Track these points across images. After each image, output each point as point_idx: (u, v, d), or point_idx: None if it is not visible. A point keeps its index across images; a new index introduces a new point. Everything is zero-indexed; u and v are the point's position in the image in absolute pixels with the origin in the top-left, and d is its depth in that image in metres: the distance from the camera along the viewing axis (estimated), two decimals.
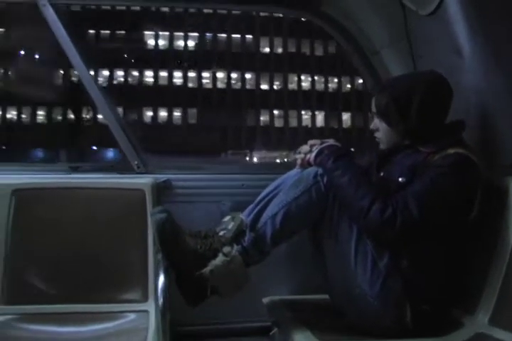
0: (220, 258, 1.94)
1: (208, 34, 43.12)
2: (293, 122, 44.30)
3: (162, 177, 2.70)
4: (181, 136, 40.83)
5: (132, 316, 2.29)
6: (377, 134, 2.17)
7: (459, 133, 2.07)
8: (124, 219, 2.48)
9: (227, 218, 2.08)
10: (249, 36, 43.87)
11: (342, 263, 1.99)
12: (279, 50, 43.83)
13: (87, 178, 2.63)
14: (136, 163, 2.73)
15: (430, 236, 1.93)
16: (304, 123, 44.31)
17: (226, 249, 1.96)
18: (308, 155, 2.09)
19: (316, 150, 2.07)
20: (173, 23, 39.31)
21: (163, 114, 43.04)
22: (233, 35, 43.53)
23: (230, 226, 2.02)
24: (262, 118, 44.06)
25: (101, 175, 2.67)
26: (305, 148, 2.12)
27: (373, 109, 2.13)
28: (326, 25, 2.89)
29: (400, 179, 1.98)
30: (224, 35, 43.47)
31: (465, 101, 2.19)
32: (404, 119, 2.02)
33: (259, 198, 2.13)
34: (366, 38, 2.83)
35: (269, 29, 42.58)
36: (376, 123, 2.15)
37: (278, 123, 44.29)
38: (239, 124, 41.97)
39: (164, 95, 41.43)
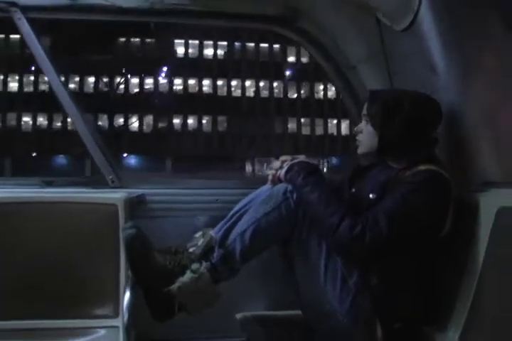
0: (188, 275, 1.93)
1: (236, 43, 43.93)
2: (319, 130, 45.03)
3: (136, 191, 2.68)
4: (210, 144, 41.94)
5: (102, 332, 2.26)
6: (360, 137, 2.17)
7: (431, 149, 2.07)
8: (97, 234, 2.45)
9: (198, 234, 2.07)
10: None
11: (312, 280, 1.98)
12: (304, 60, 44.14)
13: (60, 193, 2.60)
14: (110, 177, 2.70)
15: (400, 253, 1.93)
16: (330, 131, 44.98)
17: (194, 266, 1.95)
18: (279, 172, 2.09)
19: (287, 166, 2.06)
20: (201, 33, 40.17)
21: (191, 121, 43.61)
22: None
23: (200, 242, 2.01)
24: (289, 125, 44.82)
25: (75, 190, 2.65)
26: (276, 164, 2.12)
27: (364, 111, 2.15)
28: (302, 40, 2.89)
29: (371, 195, 1.99)
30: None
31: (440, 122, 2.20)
32: (386, 124, 2.03)
33: (229, 214, 2.12)
34: (342, 53, 2.83)
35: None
36: (361, 125, 2.16)
37: (305, 131, 45.00)
38: (267, 131, 42.38)
39: (194, 102, 41.94)
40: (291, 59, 44.89)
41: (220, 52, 44.18)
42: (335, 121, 44.27)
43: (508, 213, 1.86)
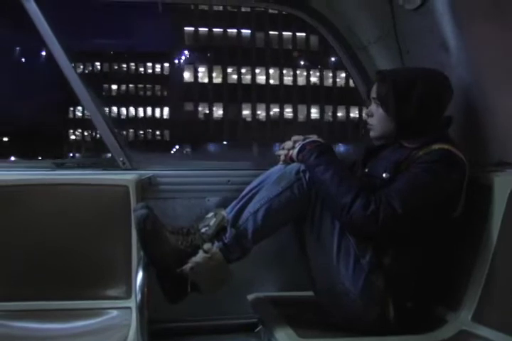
0: (200, 255, 1.92)
1: None
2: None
3: (147, 173, 2.68)
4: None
5: (115, 313, 2.27)
6: (371, 120, 2.13)
7: (444, 129, 2.06)
8: (108, 215, 2.45)
9: (210, 214, 2.06)
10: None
11: (324, 259, 1.97)
12: None
13: (72, 174, 2.60)
14: (121, 159, 2.71)
15: (413, 233, 1.91)
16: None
17: (207, 246, 1.94)
18: (291, 151, 2.07)
19: (299, 146, 2.05)
20: None
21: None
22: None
23: (212, 222, 2.00)
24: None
25: (85, 172, 2.65)
26: (288, 143, 2.11)
27: (373, 94, 2.11)
28: (313, 21, 2.86)
29: (384, 175, 1.97)
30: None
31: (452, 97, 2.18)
32: (401, 108, 2.00)
33: (242, 194, 2.12)
34: (353, 33, 2.81)
35: None
36: (372, 109, 2.13)
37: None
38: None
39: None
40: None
41: None
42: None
43: None
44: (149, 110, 58.91)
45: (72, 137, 58.09)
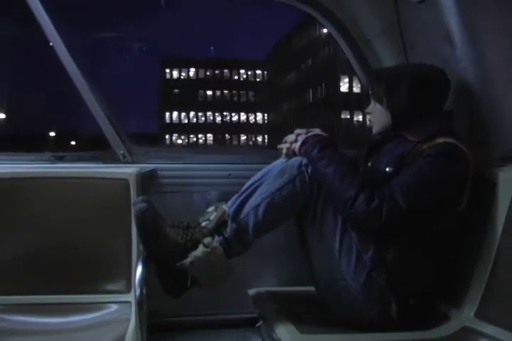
0: (200, 249, 1.91)
1: None
2: None
3: (148, 166, 2.67)
4: None
5: (115, 307, 2.27)
6: (371, 117, 2.17)
7: (449, 123, 2.04)
8: (109, 209, 2.44)
9: (210, 208, 2.05)
10: None
11: (326, 255, 1.96)
12: None
13: (72, 168, 2.59)
14: (121, 152, 2.69)
15: (417, 228, 1.90)
16: None
17: (207, 240, 1.93)
18: (293, 145, 2.05)
19: (301, 139, 2.03)
20: None
21: None
22: None
23: (212, 216, 1.99)
24: None
25: (86, 165, 2.64)
26: (291, 137, 2.09)
27: (370, 91, 2.15)
28: (317, 13, 2.83)
29: (387, 169, 1.96)
30: None
31: (456, 91, 2.16)
32: (394, 101, 2.03)
33: (243, 188, 2.09)
34: (357, 26, 2.78)
35: None
36: (371, 106, 2.15)
37: None
38: None
39: None
40: None
41: None
42: None
43: None
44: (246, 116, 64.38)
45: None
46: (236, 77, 65.20)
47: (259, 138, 64.85)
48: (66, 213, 2.44)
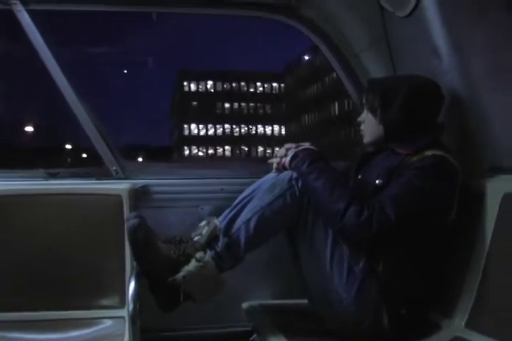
0: (192, 264, 1.92)
1: None
2: None
3: (140, 182, 2.68)
4: None
5: (109, 322, 2.28)
6: (363, 126, 2.18)
7: (437, 135, 2.06)
8: (102, 224, 2.46)
9: (202, 223, 2.06)
10: None
11: (318, 267, 1.97)
12: None
13: (65, 184, 2.60)
14: (114, 168, 2.71)
15: (407, 240, 1.91)
16: None
17: (199, 255, 1.94)
18: (283, 159, 2.07)
19: (291, 153, 2.05)
20: None
21: None
22: None
23: (204, 231, 1.99)
24: None
25: (79, 181, 2.65)
26: (281, 151, 2.11)
27: (363, 101, 2.16)
28: (305, 29, 2.87)
29: (377, 181, 1.97)
30: None
31: (444, 103, 2.18)
32: (387, 113, 2.05)
33: (234, 203, 2.10)
34: (346, 41, 2.81)
35: None
36: (363, 115, 2.16)
37: None
38: None
39: None
40: None
41: None
42: None
43: None
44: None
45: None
46: (252, 90, 65.75)
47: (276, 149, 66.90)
48: (59, 229, 2.46)
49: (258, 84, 67.16)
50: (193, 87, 64.90)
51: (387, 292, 1.91)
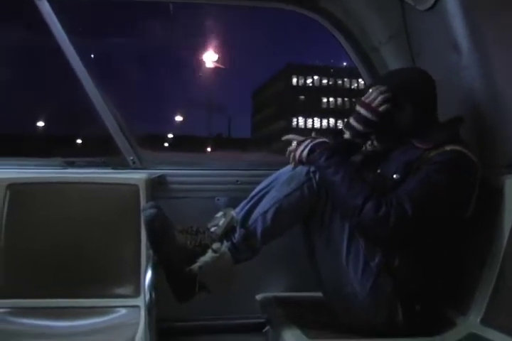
0: (209, 255, 1.92)
1: None
2: None
3: (157, 172, 2.69)
4: None
5: (124, 311, 2.30)
6: None
7: (456, 130, 2.04)
8: (118, 214, 2.47)
9: (219, 214, 2.06)
10: None
11: (334, 261, 1.97)
12: None
13: (82, 173, 2.62)
14: (131, 158, 2.72)
15: (424, 235, 1.90)
16: None
17: (216, 245, 1.94)
18: (298, 152, 2.06)
19: (308, 147, 2.04)
20: None
21: None
22: None
23: (221, 222, 1.99)
24: None
25: (96, 170, 2.66)
26: (294, 144, 2.10)
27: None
28: (325, 22, 2.86)
29: (395, 176, 1.95)
30: None
31: (463, 98, 2.17)
32: (398, 109, 2.05)
33: (251, 194, 2.10)
34: (365, 34, 2.80)
35: None
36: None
37: None
38: None
39: None
40: None
41: None
42: None
43: None
44: None
45: None
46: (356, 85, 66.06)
47: None
48: (76, 218, 2.48)
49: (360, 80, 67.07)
50: (298, 81, 64.98)
51: (402, 287, 1.91)
